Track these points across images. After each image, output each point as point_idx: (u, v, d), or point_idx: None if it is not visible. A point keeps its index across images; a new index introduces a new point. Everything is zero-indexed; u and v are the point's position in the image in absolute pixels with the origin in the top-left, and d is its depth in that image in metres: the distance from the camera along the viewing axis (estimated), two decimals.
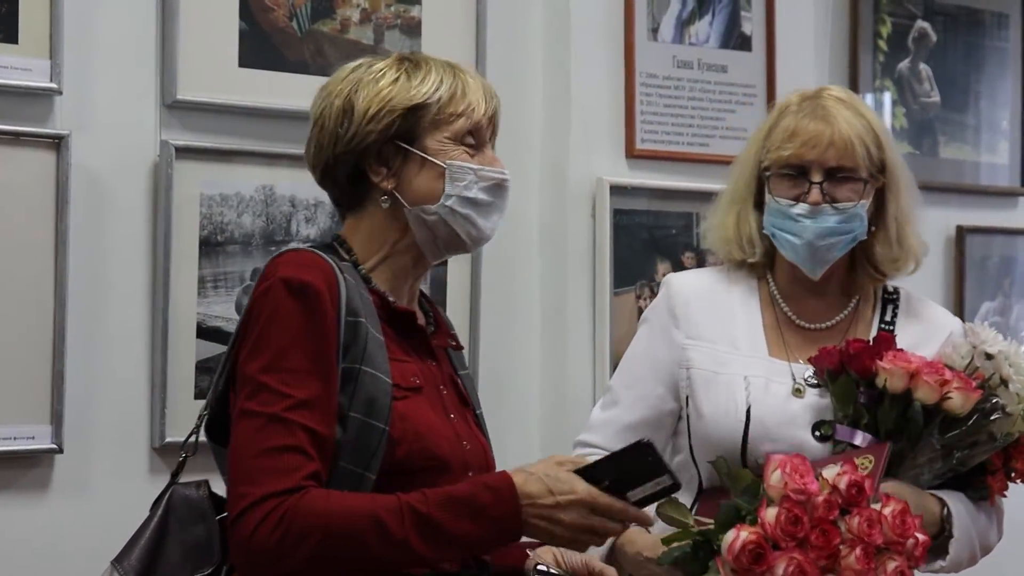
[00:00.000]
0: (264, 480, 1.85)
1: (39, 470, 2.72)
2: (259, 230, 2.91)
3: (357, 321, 1.94)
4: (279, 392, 1.88)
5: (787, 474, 2.00)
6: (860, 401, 2.29)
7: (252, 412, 1.88)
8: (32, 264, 2.67)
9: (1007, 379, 2.32)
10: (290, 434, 1.86)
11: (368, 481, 1.91)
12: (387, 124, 2.01)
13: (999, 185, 4.15)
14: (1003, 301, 4.11)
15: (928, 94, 4.00)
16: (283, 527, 1.82)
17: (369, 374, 1.93)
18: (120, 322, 2.79)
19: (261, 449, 1.86)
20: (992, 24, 4.13)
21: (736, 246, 2.48)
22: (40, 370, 2.68)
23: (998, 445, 2.33)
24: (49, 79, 2.68)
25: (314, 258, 1.96)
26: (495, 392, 3.22)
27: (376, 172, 2.03)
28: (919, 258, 2.49)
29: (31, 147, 2.67)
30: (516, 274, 3.30)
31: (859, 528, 1.97)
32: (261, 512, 1.83)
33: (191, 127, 2.85)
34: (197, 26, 2.84)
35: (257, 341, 1.91)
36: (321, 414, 1.89)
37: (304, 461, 1.86)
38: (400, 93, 2.02)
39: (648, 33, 3.39)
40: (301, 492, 1.84)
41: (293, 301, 1.91)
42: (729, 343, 2.43)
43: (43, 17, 2.67)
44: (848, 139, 2.38)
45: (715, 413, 2.38)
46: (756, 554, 1.96)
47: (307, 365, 1.89)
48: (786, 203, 2.39)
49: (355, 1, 3.04)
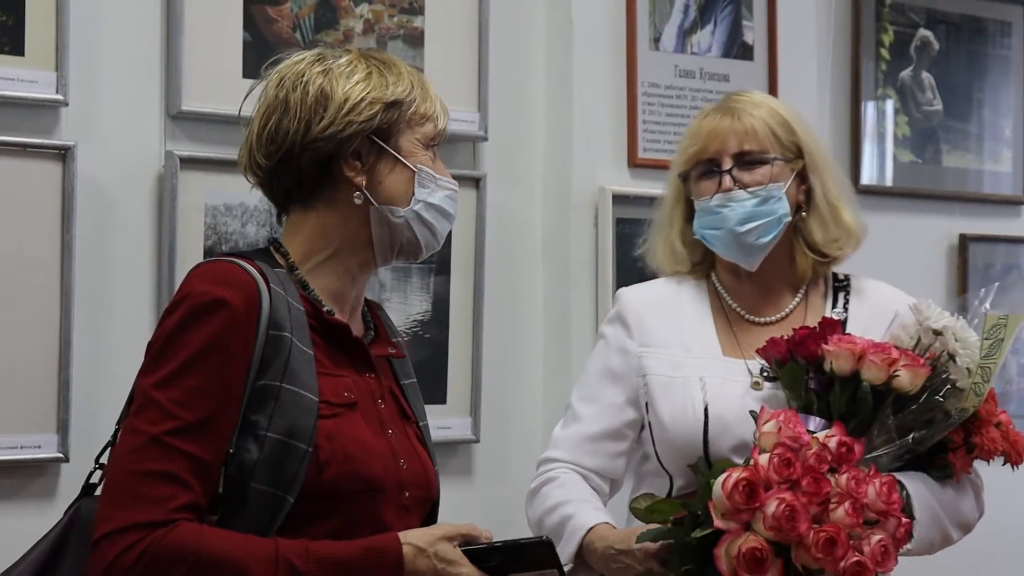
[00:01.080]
0: (132, 506, 1.77)
1: (45, 479, 2.73)
2: (263, 239, 2.92)
3: (280, 336, 1.86)
4: (166, 411, 1.79)
5: (781, 422, 2.05)
6: (810, 387, 2.30)
7: (134, 429, 1.81)
8: (38, 274, 2.69)
9: (955, 354, 2.32)
10: (168, 459, 1.78)
11: (286, 504, 1.83)
12: (368, 117, 1.94)
13: (1002, 193, 4.15)
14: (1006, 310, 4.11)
15: (931, 102, 4.01)
16: (143, 564, 1.75)
17: (291, 392, 1.85)
18: (125, 331, 2.80)
19: (134, 471, 1.78)
20: (995, 32, 4.14)
21: (667, 260, 2.53)
22: (46, 379, 2.69)
23: (954, 422, 2.33)
24: (55, 91, 2.70)
25: (232, 271, 1.87)
26: (498, 400, 3.23)
27: (351, 167, 1.95)
28: (859, 236, 2.52)
29: (37, 158, 2.69)
30: (519, 282, 3.31)
31: (847, 484, 2.00)
32: (123, 543, 1.76)
33: (196, 138, 2.87)
34: (201, 37, 2.85)
35: (157, 355, 1.83)
36: (209, 439, 1.80)
37: (178, 491, 1.78)
38: (378, 88, 1.96)
39: (650, 42, 3.40)
40: (169, 526, 1.77)
41: (201, 317, 1.82)
42: (683, 347, 2.45)
43: (49, 29, 2.69)
44: (749, 125, 2.43)
45: (674, 416, 2.40)
46: (749, 491, 1.98)
47: (204, 384, 1.81)
48: (705, 200, 2.43)
49: (358, 12, 3.06)
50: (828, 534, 1.98)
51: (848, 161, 3.84)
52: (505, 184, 3.26)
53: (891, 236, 3.88)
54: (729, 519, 2.00)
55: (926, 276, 3.93)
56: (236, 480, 1.83)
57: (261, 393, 1.84)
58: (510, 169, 3.29)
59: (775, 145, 2.44)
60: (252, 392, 1.84)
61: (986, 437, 2.37)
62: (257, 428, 1.83)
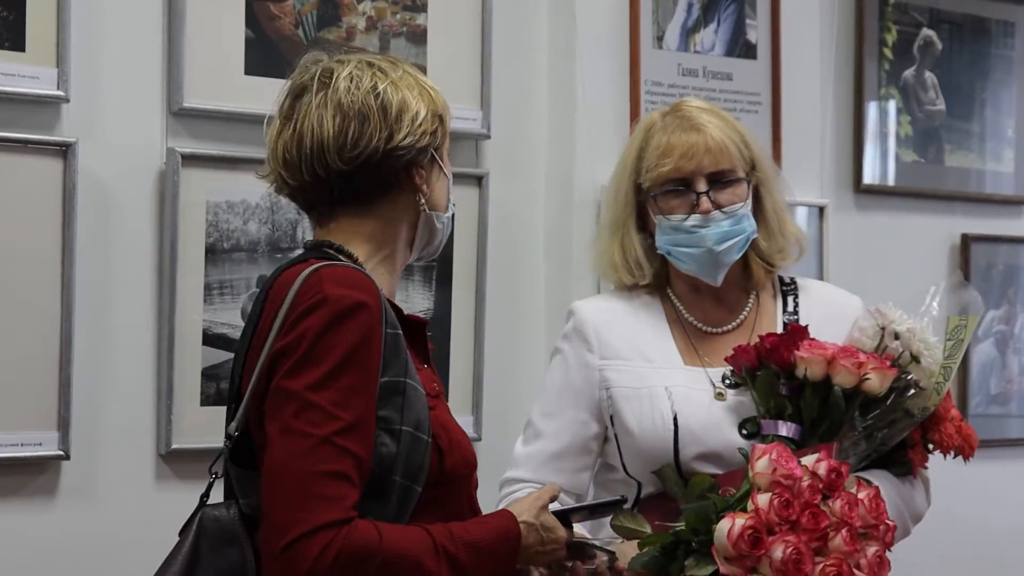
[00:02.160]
0: (316, 508, 1.79)
1: (46, 476, 2.73)
2: (265, 237, 2.92)
3: (396, 334, 1.92)
4: (329, 413, 1.82)
5: (774, 460, 2.06)
6: (782, 393, 2.33)
7: (299, 432, 1.82)
8: (39, 271, 2.68)
9: (918, 355, 2.37)
10: (339, 460, 1.82)
11: (415, 494, 1.90)
12: (435, 128, 2.01)
13: (1004, 193, 4.14)
14: (1008, 309, 4.11)
15: (933, 102, 4.00)
16: (342, 562, 1.79)
17: (412, 387, 1.92)
18: (126, 329, 2.80)
19: (312, 473, 1.81)
20: (998, 32, 4.13)
21: (625, 271, 2.52)
22: (47, 377, 2.69)
23: (916, 420, 2.39)
24: (56, 87, 2.70)
25: (357, 275, 1.91)
26: (500, 397, 3.23)
27: (419, 175, 2.01)
28: (802, 244, 2.57)
29: (38, 155, 2.69)
30: (521, 280, 3.30)
31: (842, 511, 2.03)
32: (319, 544, 1.78)
33: (197, 135, 2.86)
34: (203, 34, 2.85)
35: (305, 358, 1.84)
36: (364, 438, 1.85)
37: (350, 489, 1.82)
38: (435, 99, 2.03)
39: (653, 41, 3.40)
40: (351, 524, 1.81)
41: (346, 320, 1.85)
42: (643, 359, 2.46)
43: (50, 25, 2.68)
44: (721, 142, 2.43)
45: (643, 427, 2.40)
46: (754, 538, 2.01)
47: (357, 384, 1.85)
48: (678, 219, 2.43)
49: (361, 9, 3.05)
50: (835, 569, 2.03)
51: (851, 160, 3.84)
52: (508, 182, 3.25)
53: (893, 236, 3.89)
54: (733, 564, 2.03)
55: (928, 276, 3.90)
56: (377, 475, 1.88)
57: (388, 389, 1.89)
58: (513, 167, 3.28)
59: (740, 161, 2.46)
60: (381, 389, 1.89)
61: (944, 433, 2.43)
62: (391, 423, 1.89)
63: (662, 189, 2.44)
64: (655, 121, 2.50)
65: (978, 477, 3.95)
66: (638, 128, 2.53)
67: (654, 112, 2.54)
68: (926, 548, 3.73)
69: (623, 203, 2.51)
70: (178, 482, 2.83)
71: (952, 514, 3.83)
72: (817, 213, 3.66)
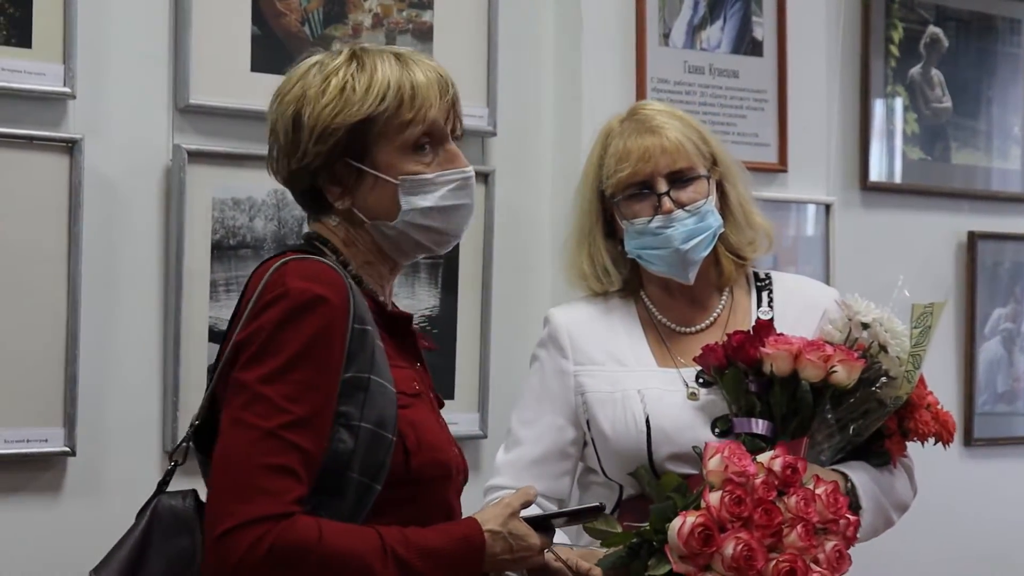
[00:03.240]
0: (254, 499, 1.79)
1: (52, 472, 2.73)
2: (271, 234, 2.92)
3: (364, 329, 1.90)
4: (278, 406, 1.82)
5: (726, 458, 2.07)
6: (751, 390, 2.34)
7: (246, 423, 1.82)
8: (45, 268, 2.69)
9: (885, 344, 2.38)
10: (283, 453, 1.81)
11: (374, 492, 1.88)
12: (332, 144, 1.94)
13: (1011, 191, 4.13)
14: (1015, 307, 4.11)
15: (940, 99, 4.00)
16: (275, 555, 1.78)
17: (377, 383, 1.89)
18: (133, 325, 2.80)
19: (254, 465, 1.80)
20: (1004, 30, 4.13)
21: (593, 279, 2.55)
22: (53, 373, 2.69)
23: (889, 410, 2.40)
24: (63, 83, 2.70)
25: (324, 268, 1.90)
26: (506, 398, 3.22)
27: (330, 192, 1.97)
28: (770, 234, 2.58)
29: (44, 151, 2.69)
30: (528, 277, 3.30)
31: (797, 507, 2.03)
32: (251, 536, 1.78)
33: (204, 131, 2.86)
34: (209, 31, 2.85)
35: (261, 350, 1.84)
36: (316, 433, 1.84)
37: (294, 483, 1.81)
38: (344, 109, 1.93)
39: (659, 38, 3.39)
40: (292, 518, 1.80)
41: (303, 314, 1.85)
42: (617, 363, 2.48)
43: (57, 22, 2.68)
44: (677, 141, 2.45)
45: (616, 430, 2.42)
46: (705, 536, 2.02)
47: (310, 379, 1.84)
48: (642, 222, 2.44)
49: (367, 6, 3.05)
50: (788, 565, 2.03)
51: (857, 158, 3.83)
52: (514, 179, 3.25)
53: (900, 233, 3.88)
54: (687, 562, 2.04)
55: (934, 273, 3.92)
56: (333, 471, 1.86)
57: (351, 385, 1.88)
58: (519, 164, 3.28)
59: (699, 158, 2.47)
60: (342, 384, 1.87)
61: (919, 421, 2.43)
62: (350, 419, 1.87)
63: (624, 194, 2.46)
64: (613, 127, 2.52)
65: (985, 475, 3.96)
66: (598, 135, 2.55)
67: (613, 118, 2.55)
68: (933, 546, 3.73)
69: (587, 211, 2.53)
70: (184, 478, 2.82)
71: (959, 512, 3.83)
72: (823, 211, 3.66)
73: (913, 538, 2.51)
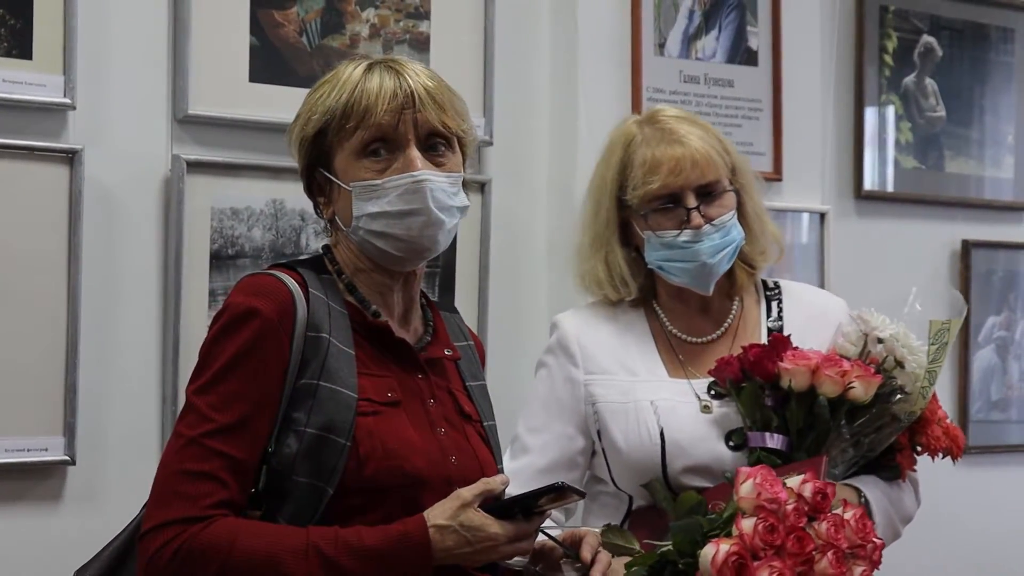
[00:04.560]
0: (170, 503, 1.86)
1: (52, 481, 2.74)
2: (269, 244, 2.93)
3: (318, 336, 1.93)
4: (203, 415, 1.88)
5: (758, 484, 2.03)
6: (767, 404, 2.32)
7: (177, 433, 1.91)
8: (45, 277, 2.69)
9: (902, 360, 2.38)
10: (204, 460, 1.86)
11: (326, 494, 1.90)
12: (306, 155, 2.04)
13: (1004, 199, 4.15)
14: (1008, 315, 4.12)
15: (934, 108, 4.02)
16: (180, 557, 1.83)
17: (327, 389, 1.91)
18: (132, 334, 2.81)
19: (174, 471, 1.88)
20: (998, 39, 4.15)
21: (610, 287, 2.51)
22: (53, 382, 2.70)
23: (903, 425, 2.39)
24: (63, 94, 2.71)
25: (267, 282, 1.95)
26: (502, 404, 3.21)
27: (319, 202, 2.06)
28: (781, 243, 2.57)
29: (45, 161, 2.69)
30: (524, 287, 3.31)
31: (827, 533, 2.01)
32: (162, 538, 1.84)
33: (202, 141, 2.87)
34: (208, 41, 2.86)
35: (199, 364, 1.93)
36: (244, 440, 1.88)
37: (215, 488, 1.86)
38: (308, 121, 2.02)
39: (655, 48, 3.41)
40: (207, 522, 1.84)
41: (235, 327, 1.91)
42: (628, 372, 2.45)
43: (57, 33, 2.69)
44: (706, 154, 2.42)
45: (630, 442, 2.40)
46: (739, 565, 1.99)
47: (238, 389, 1.89)
48: (670, 235, 2.41)
49: (364, 16, 3.06)
50: None
51: (851, 167, 3.85)
52: (510, 188, 3.26)
53: (893, 242, 3.90)
54: None
55: (928, 282, 3.93)
56: (278, 474, 1.90)
57: (301, 392, 1.92)
58: (515, 173, 3.29)
59: (724, 170, 2.45)
60: (293, 391, 1.92)
61: (931, 436, 2.44)
62: (296, 424, 1.91)
63: (651, 207, 2.42)
64: (634, 134, 2.47)
65: (979, 483, 3.97)
66: (614, 142, 2.50)
67: (628, 123, 2.51)
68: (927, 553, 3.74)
69: (605, 220, 2.50)
70: None
71: (953, 520, 3.84)
72: (818, 219, 3.67)
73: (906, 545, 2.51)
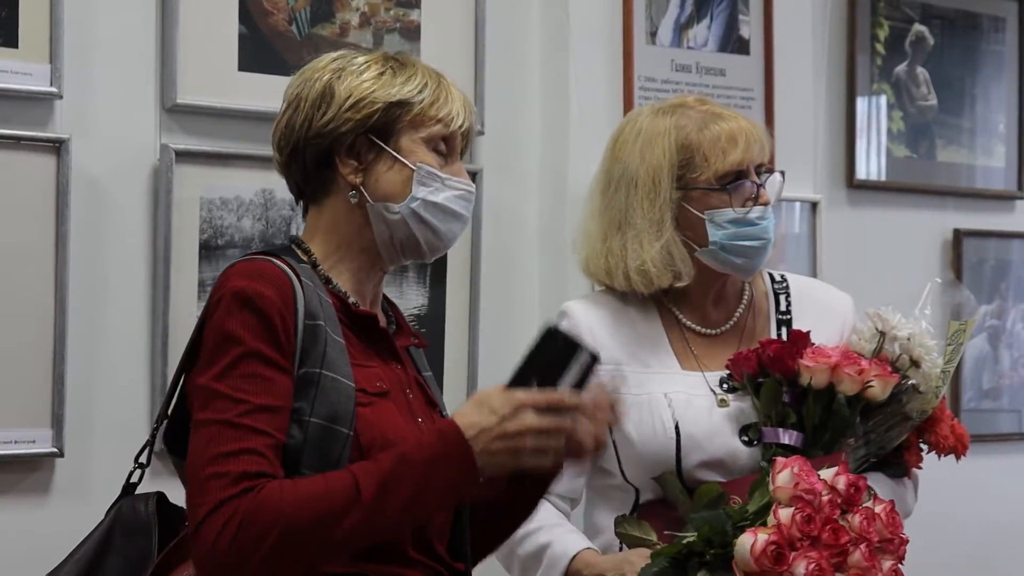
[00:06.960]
0: (214, 486, 1.79)
1: (40, 474, 2.73)
2: (259, 234, 2.91)
3: (316, 324, 1.90)
4: (233, 398, 1.82)
5: (796, 474, 2.03)
6: (785, 401, 2.32)
7: (205, 421, 1.83)
8: (32, 268, 2.68)
9: (919, 360, 2.37)
10: (242, 439, 1.81)
11: None
12: (366, 115, 1.97)
13: (995, 188, 4.15)
14: (1000, 304, 4.12)
15: (925, 97, 4.01)
16: (242, 531, 1.76)
17: (329, 378, 1.89)
18: (120, 325, 2.80)
19: (213, 455, 1.80)
20: (989, 28, 4.14)
21: (666, 274, 2.40)
22: (41, 373, 2.68)
23: (914, 423, 2.40)
24: (49, 83, 2.69)
25: (266, 266, 1.91)
26: None
27: (345, 164, 1.99)
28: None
29: (31, 151, 2.68)
30: (515, 275, 3.30)
31: (860, 526, 2.01)
32: (219, 520, 1.77)
33: (191, 131, 2.86)
34: (196, 30, 2.84)
35: (211, 353, 1.87)
36: (275, 421, 1.84)
37: (259, 460, 1.80)
38: (384, 87, 1.99)
39: (646, 36, 3.40)
40: (256, 490, 1.78)
41: (245, 312, 1.86)
42: (640, 364, 2.42)
43: (43, 21, 2.68)
44: (763, 132, 2.41)
45: (643, 435, 2.37)
46: (777, 554, 1.99)
47: (262, 372, 1.84)
48: (739, 211, 2.37)
49: (354, 5, 3.04)
50: None
51: (843, 156, 3.84)
52: (501, 177, 3.25)
53: (885, 231, 3.90)
54: None
55: (920, 271, 3.93)
56: (285, 467, 1.85)
57: (303, 381, 1.88)
58: (506, 163, 3.28)
59: None
60: (296, 380, 1.88)
61: (939, 435, 2.44)
62: (301, 414, 1.87)
63: (723, 182, 2.38)
64: (691, 106, 2.41)
65: (970, 472, 3.94)
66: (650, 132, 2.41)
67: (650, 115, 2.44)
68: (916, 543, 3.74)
69: (661, 203, 2.39)
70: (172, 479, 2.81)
71: (943, 510, 3.84)
72: (810, 208, 3.67)
73: None
